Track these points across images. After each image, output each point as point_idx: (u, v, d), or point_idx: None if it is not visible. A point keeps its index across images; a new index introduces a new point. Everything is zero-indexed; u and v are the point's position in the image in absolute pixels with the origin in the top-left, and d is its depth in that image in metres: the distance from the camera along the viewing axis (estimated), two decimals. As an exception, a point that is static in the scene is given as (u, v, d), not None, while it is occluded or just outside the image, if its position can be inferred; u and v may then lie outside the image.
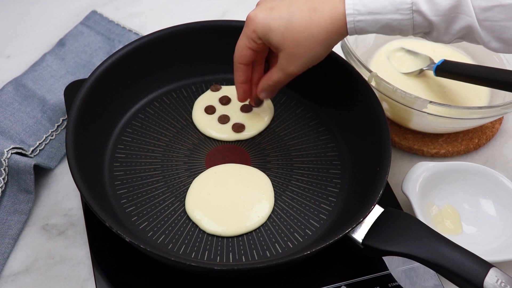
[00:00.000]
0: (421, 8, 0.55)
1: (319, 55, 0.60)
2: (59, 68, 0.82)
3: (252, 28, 0.60)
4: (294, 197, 0.67)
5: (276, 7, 0.59)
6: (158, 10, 0.93)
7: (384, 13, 0.56)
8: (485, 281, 0.53)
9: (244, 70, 0.65)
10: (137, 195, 0.66)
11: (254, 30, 0.60)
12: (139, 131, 0.72)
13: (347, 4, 0.56)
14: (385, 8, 0.56)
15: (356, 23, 0.57)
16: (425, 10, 0.55)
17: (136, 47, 0.71)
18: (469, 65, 0.76)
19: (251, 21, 0.60)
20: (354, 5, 0.56)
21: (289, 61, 0.61)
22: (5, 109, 0.75)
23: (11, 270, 0.64)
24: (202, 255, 0.62)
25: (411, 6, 0.55)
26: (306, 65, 0.61)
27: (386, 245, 0.58)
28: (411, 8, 0.55)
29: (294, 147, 0.72)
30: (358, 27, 0.57)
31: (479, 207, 0.70)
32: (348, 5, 0.56)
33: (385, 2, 0.56)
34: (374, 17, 0.56)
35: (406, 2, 0.55)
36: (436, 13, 0.55)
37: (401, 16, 0.56)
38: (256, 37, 0.61)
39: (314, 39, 0.58)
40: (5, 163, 0.68)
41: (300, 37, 0.58)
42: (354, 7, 0.56)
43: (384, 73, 0.73)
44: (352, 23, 0.57)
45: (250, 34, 0.61)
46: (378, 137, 0.65)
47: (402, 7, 0.55)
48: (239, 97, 0.68)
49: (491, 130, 0.79)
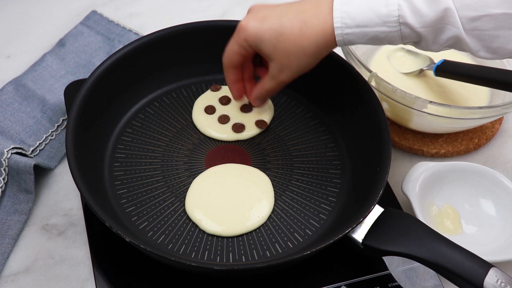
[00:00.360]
0: (408, 20, 0.56)
1: (309, 65, 0.62)
2: (59, 68, 0.82)
3: (244, 36, 0.61)
4: (294, 197, 0.67)
5: (268, 18, 0.60)
6: (158, 10, 0.93)
7: (371, 26, 0.57)
8: (485, 281, 0.53)
9: (234, 72, 0.67)
10: (137, 195, 0.66)
11: (246, 39, 0.61)
12: (139, 131, 0.72)
13: (335, 18, 0.57)
14: (372, 21, 0.57)
15: (345, 35, 0.58)
16: (411, 22, 0.56)
17: (136, 47, 0.71)
18: (469, 65, 0.76)
19: (243, 30, 0.61)
20: (342, 18, 0.57)
21: (280, 71, 0.62)
22: (5, 109, 0.75)
23: (11, 270, 0.64)
24: (202, 255, 0.62)
25: (398, 19, 0.56)
26: (296, 74, 0.63)
27: (386, 245, 0.58)
28: (398, 21, 0.56)
29: (294, 147, 0.72)
30: (347, 39, 0.58)
31: (479, 207, 0.70)
32: (336, 19, 0.57)
33: (372, 15, 0.56)
34: (362, 30, 0.57)
35: (393, 15, 0.56)
36: (422, 24, 0.56)
37: (388, 29, 0.57)
38: (247, 45, 0.62)
39: (304, 51, 0.60)
40: (5, 163, 0.68)
41: (291, 49, 0.60)
42: (341, 20, 0.57)
43: (384, 73, 0.73)
44: (340, 35, 0.58)
45: (241, 42, 0.62)
46: (378, 137, 0.65)
47: (389, 19, 0.56)
48: (234, 96, 0.70)
49: (491, 130, 0.79)
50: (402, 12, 0.55)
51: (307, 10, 0.59)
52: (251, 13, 0.62)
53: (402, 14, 0.55)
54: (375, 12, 0.56)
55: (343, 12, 0.57)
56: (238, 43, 0.62)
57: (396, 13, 0.56)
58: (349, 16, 0.57)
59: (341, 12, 0.57)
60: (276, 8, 0.61)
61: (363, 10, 0.56)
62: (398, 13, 0.56)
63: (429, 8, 0.55)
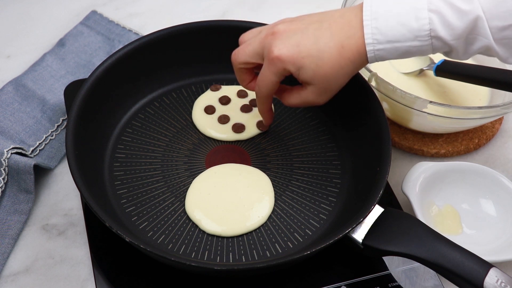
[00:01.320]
0: (439, 34, 0.55)
1: (344, 85, 0.61)
2: (59, 68, 0.82)
3: (282, 66, 0.59)
4: (294, 197, 0.67)
5: (302, 44, 0.58)
6: (158, 10, 0.93)
7: (403, 41, 0.56)
8: (485, 281, 0.53)
9: (270, 100, 0.65)
10: (137, 195, 0.66)
11: (285, 68, 0.59)
12: (139, 131, 0.72)
13: (366, 34, 0.57)
14: (404, 36, 0.56)
15: (376, 52, 0.57)
16: (443, 35, 0.55)
17: (136, 47, 0.71)
18: (469, 65, 0.76)
19: (280, 61, 0.59)
20: (373, 34, 0.56)
21: (319, 95, 0.61)
22: (5, 109, 0.75)
23: (11, 270, 0.64)
24: (202, 255, 0.62)
25: (429, 33, 0.55)
26: (332, 96, 0.62)
27: (386, 245, 0.58)
28: (430, 34, 0.55)
29: (294, 147, 0.72)
30: (378, 56, 0.58)
31: (479, 207, 0.70)
32: (367, 35, 0.57)
33: (403, 31, 0.56)
34: (393, 45, 0.57)
35: (424, 29, 0.55)
36: (454, 37, 0.55)
37: (420, 43, 0.56)
38: (287, 73, 0.60)
39: (343, 72, 0.59)
40: (5, 163, 0.68)
41: (331, 72, 0.59)
42: (372, 36, 0.57)
43: (384, 73, 0.73)
44: (372, 52, 0.57)
45: (281, 71, 0.60)
46: (378, 137, 0.65)
47: (420, 34, 0.56)
48: (267, 122, 0.70)
49: (491, 130, 0.79)
50: (433, 26, 0.55)
51: (341, 31, 0.58)
52: (280, 39, 0.59)
53: (433, 28, 0.55)
54: (406, 27, 0.56)
55: (374, 28, 0.56)
56: (276, 74, 0.60)
57: (428, 27, 0.55)
58: (380, 32, 0.56)
59: (371, 28, 0.56)
60: (307, 31, 0.59)
61: (393, 25, 0.56)
62: (429, 27, 0.55)
63: (460, 20, 0.55)
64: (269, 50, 0.59)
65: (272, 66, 0.60)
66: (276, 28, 0.60)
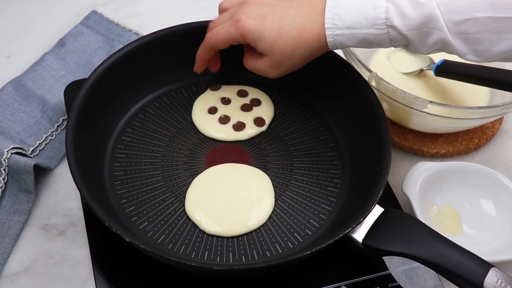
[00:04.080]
0: (394, 23, 0.57)
1: (299, 66, 0.64)
2: (59, 68, 0.82)
3: (241, 32, 0.62)
4: (294, 197, 0.67)
5: (268, 18, 0.61)
6: (158, 10, 0.93)
7: (360, 28, 0.59)
8: (485, 281, 0.53)
9: (212, 52, 0.68)
10: (137, 195, 0.66)
11: (243, 34, 0.62)
12: (139, 131, 0.72)
13: (326, 19, 0.59)
14: (361, 23, 0.58)
15: (335, 37, 0.60)
16: (398, 25, 0.57)
17: (136, 47, 0.71)
18: (469, 65, 0.76)
19: (242, 27, 0.62)
20: (333, 19, 0.59)
21: (271, 67, 0.64)
22: (5, 109, 0.75)
23: (11, 270, 0.64)
24: (202, 255, 0.62)
25: (385, 21, 0.58)
26: (285, 72, 0.65)
27: (386, 245, 0.58)
28: (386, 23, 0.58)
29: (294, 147, 0.71)
30: (338, 41, 0.60)
31: (479, 207, 0.70)
32: (327, 20, 0.59)
33: (361, 18, 0.58)
34: (351, 32, 0.59)
35: (381, 17, 0.58)
36: (409, 27, 0.57)
37: (376, 31, 0.58)
38: (242, 40, 0.63)
39: (300, 53, 0.62)
40: (5, 163, 0.68)
41: (287, 49, 0.61)
42: (332, 21, 0.59)
43: (384, 73, 0.73)
44: (331, 36, 0.60)
45: (236, 36, 0.63)
46: (378, 137, 0.65)
47: (377, 22, 0.58)
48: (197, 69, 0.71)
49: (491, 130, 0.79)
50: (389, 15, 0.57)
51: (306, 14, 0.61)
52: (250, 8, 0.62)
53: (389, 17, 0.57)
54: (364, 14, 0.58)
55: (334, 14, 0.59)
56: (232, 35, 0.63)
57: (384, 16, 0.57)
58: (339, 18, 0.59)
59: (332, 14, 0.59)
60: (276, 7, 0.62)
61: (352, 12, 0.58)
62: (385, 16, 0.57)
63: (415, 12, 0.56)
64: (237, 14, 0.62)
65: (232, 27, 0.63)
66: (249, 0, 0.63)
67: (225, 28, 0.64)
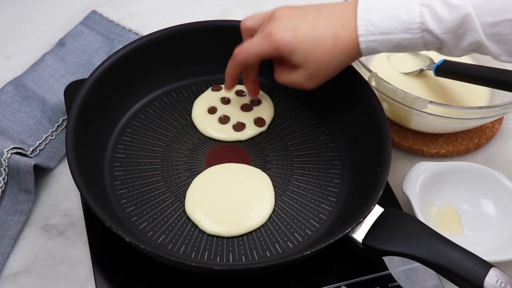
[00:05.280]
0: (429, 27, 0.57)
1: (333, 75, 0.63)
2: (59, 68, 0.82)
3: (275, 45, 0.61)
4: (294, 197, 0.67)
5: (300, 29, 0.60)
6: (158, 10, 0.93)
7: (394, 33, 0.58)
8: (485, 281, 0.53)
9: (240, 69, 0.67)
10: (137, 195, 0.66)
11: (277, 48, 0.61)
12: (139, 131, 0.72)
13: (359, 25, 0.59)
14: (396, 28, 0.58)
15: (369, 43, 0.59)
16: (433, 28, 0.57)
17: (136, 47, 0.71)
18: (469, 65, 0.76)
19: (275, 40, 0.60)
20: (366, 26, 0.58)
21: (308, 80, 0.63)
22: (5, 109, 0.75)
23: (11, 270, 0.64)
24: (202, 255, 0.62)
25: (420, 26, 0.57)
26: (319, 83, 0.64)
27: (386, 245, 0.58)
28: (420, 27, 0.57)
29: (294, 147, 0.72)
30: (371, 47, 0.59)
31: (479, 207, 0.70)
32: (360, 26, 0.59)
33: (395, 23, 0.57)
34: (385, 37, 0.58)
35: (415, 22, 0.57)
36: (444, 30, 0.57)
37: (411, 35, 0.58)
38: (275, 53, 0.62)
39: (335, 62, 0.61)
40: (5, 163, 0.68)
41: (323, 59, 0.60)
42: (365, 28, 0.58)
43: (384, 73, 0.73)
44: (365, 43, 0.59)
45: (270, 50, 0.61)
46: (378, 137, 0.65)
47: (411, 26, 0.57)
48: (228, 87, 0.70)
49: (491, 130, 0.79)
50: (423, 19, 0.57)
51: (337, 22, 0.60)
52: (279, 21, 0.61)
53: (424, 21, 0.57)
54: (397, 19, 0.57)
55: (367, 20, 0.58)
56: (265, 49, 0.62)
57: (418, 20, 0.57)
58: (372, 24, 0.58)
59: (364, 20, 0.58)
60: (306, 18, 0.61)
61: (385, 17, 0.58)
62: (420, 20, 0.57)
63: (450, 14, 0.56)
64: (267, 28, 0.61)
65: (265, 41, 0.61)
66: (276, 13, 0.62)
67: (257, 42, 0.62)
